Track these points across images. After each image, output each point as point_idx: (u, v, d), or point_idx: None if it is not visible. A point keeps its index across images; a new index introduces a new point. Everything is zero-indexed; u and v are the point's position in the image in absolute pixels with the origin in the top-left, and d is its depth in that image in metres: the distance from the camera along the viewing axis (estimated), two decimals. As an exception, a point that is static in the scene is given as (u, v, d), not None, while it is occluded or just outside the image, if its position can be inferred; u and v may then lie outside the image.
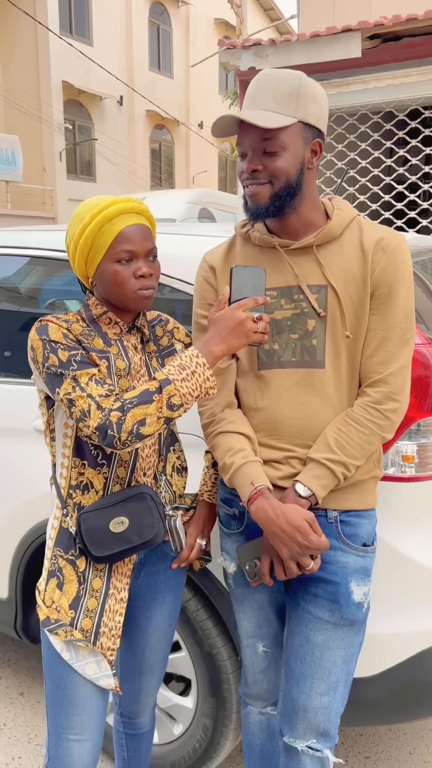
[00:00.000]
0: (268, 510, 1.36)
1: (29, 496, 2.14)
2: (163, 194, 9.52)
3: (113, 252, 1.36)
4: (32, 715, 2.45)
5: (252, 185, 1.37)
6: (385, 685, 1.71)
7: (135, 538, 1.41)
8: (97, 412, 1.28)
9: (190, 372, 1.29)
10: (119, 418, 1.27)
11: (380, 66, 5.46)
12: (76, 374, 1.31)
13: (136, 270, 1.37)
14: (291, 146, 1.33)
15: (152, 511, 1.42)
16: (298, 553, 1.35)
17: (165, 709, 2.04)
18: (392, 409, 1.38)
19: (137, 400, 1.28)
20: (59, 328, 1.36)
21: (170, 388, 1.28)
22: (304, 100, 1.33)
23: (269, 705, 1.66)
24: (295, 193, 1.37)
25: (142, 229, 1.38)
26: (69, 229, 1.41)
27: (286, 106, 1.33)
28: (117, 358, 1.42)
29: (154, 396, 1.27)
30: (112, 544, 1.39)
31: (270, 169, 1.34)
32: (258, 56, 5.76)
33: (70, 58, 16.52)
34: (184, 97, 21.69)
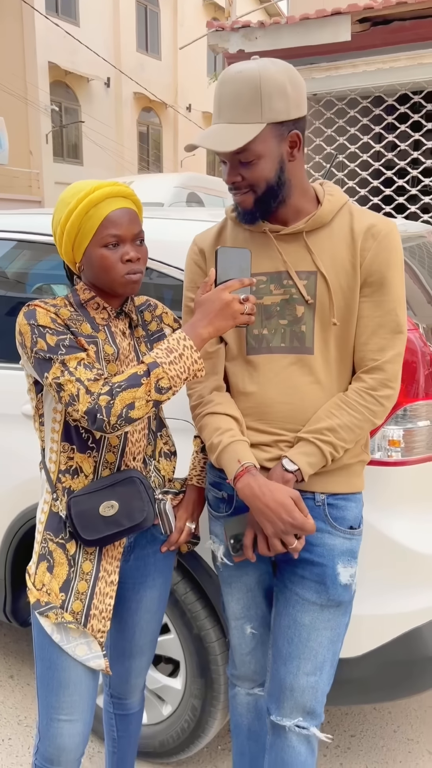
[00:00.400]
0: (254, 487, 1.37)
1: (18, 481, 2.15)
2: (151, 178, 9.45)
3: (100, 236, 1.35)
4: (22, 698, 2.48)
5: (236, 194, 1.38)
6: (370, 665, 1.74)
7: (125, 522, 1.42)
8: (86, 396, 1.28)
9: (177, 355, 1.30)
10: (108, 402, 1.27)
11: (370, 50, 5.43)
12: (64, 359, 1.32)
13: (124, 254, 1.37)
14: (265, 151, 1.32)
15: (142, 495, 1.43)
16: (282, 530, 1.35)
17: (154, 690, 2.06)
18: (386, 395, 1.40)
19: (126, 383, 1.28)
20: (47, 312, 1.36)
21: (158, 371, 1.28)
22: (269, 100, 1.29)
23: (256, 686, 1.69)
24: (278, 191, 1.37)
25: (128, 213, 1.38)
26: (55, 214, 1.40)
27: (250, 114, 1.29)
28: (105, 343, 1.42)
29: (143, 379, 1.28)
30: (102, 527, 1.40)
31: (248, 178, 1.34)
32: (247, 39, 5.71)
33: (56, 38, 16.28)
34: (172, 79, 21.47)
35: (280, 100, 1.29)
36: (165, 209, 3.27)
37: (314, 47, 5.46)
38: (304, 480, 1.40)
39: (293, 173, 1.38)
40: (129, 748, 1.79)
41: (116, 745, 1.78)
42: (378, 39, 5.38)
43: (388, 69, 5.43)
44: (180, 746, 2.03)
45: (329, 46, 5.44)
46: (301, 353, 1.42)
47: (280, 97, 1.29)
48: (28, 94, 16.56)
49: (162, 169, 21.56)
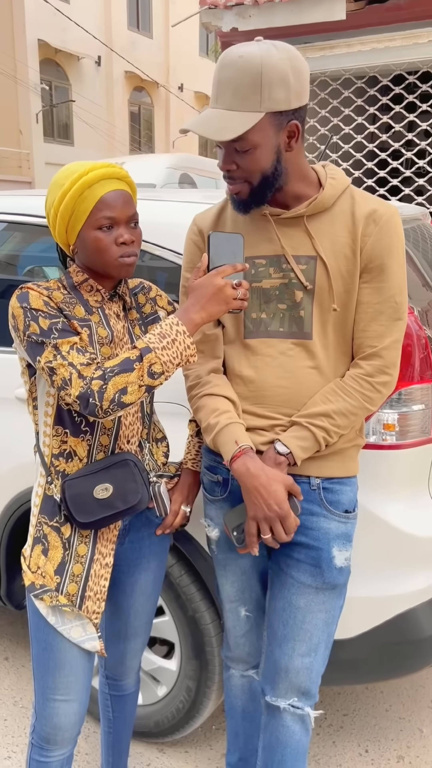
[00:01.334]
0: (250, 467, 1.37)
1: (12, 465, 2.14)
2: (143, 159, 9.36)
3: (94, 218, 1.34)
4: (17, 679, 2.49)
5: (231, 183, 1.36)
6: (363, 646, 1.76)
7: (119, 504, 1.42)
8: (78, 381, 1.28)
9: (170, 340, 1.29)
10: (101, 386, 1.27)
11: (365, 29, 5.36)
12: (57, 342, 1.31)
13: (118, 237, 1.35)
14: (262, 141, 1.28)
15: (136, 477, 1.43)
16: (267, 516, 1.36)
17: (149, 671, 2.08)
18: (383, 382, 1.40)
19: (118, 368, 1.28)
20: (40, 295, 1.34)
21: (151, 356, 1.28)
22: (269, 89, 1.24)
23: (251, 668, 1.71)
24: (274, 181, 1.34)
25: (123, 194, 1.36)
26: (48, 196, 1.38)
27: (250, 102, 1.25)
28: (98, 326, 1.41)
29: (135, 364, 1.28)
30: (97, 510, 1.40)
31: (243, 167, 1.32)
32: (240, 17, 5.63)
33: (46, 15, 16.02)
34: (164, 58, 21.20)
35: (281, 89, 1.26)
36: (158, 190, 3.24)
37: (308, 26, 5.38)
38: (297, 464, 1.40)
39: (290, 162, 1.35)
40: (124, 729, 1.80)
41: (112, 725, 1.80)
42: (373, 18, 5.30)
43: (384, 48, 5.37)
44: (175, 726, 2.05)
45: (324, 25, 5.36)
46: (299, 338, 1.42)
47: (281, 87, 1.25)
48: (18, 72, 16.30)
49: (154, 149, 21.35)
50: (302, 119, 1.33)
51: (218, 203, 1.54)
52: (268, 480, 1.35)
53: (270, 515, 1.36)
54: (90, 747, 2.16)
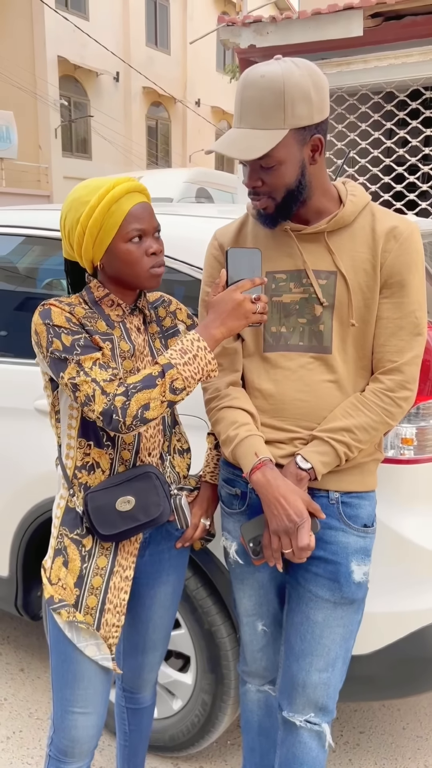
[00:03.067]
0: (270, 479, 1.38)
1: (30, 476, 2.16)
2: (160, 173, 9.44)
3: (124, 231, 1.36)
4: (32, 690, 2.49)
5: (257, 199, 1.38)
6: (381, 662, 1.74)
7: (141, 517, 1.43)
8: (101, 397, 1.29)
9: (191, 356, 1.31)
10: (124, 402, 1.28)
11: (382, 45, 5.39)
12: (80, 359, 1.33)
13: (148, 248, 1.38)
14: (287, 157, 1.30)
15: (158, 490, 1.44)
16: (286, 529, 1.35)
17: (164, 684, 2.07)
18: (404, 397, 1.40)
19: (141, 384, 1.29)
20: (62, 312, 1.37)
21: (173, 372, 1.30)
22: (292, 106, 1.26)
23: (267, 683, 1.70)
24: (299, 196, 1.36)
25: (147, 206, 1.40)
26: (70, 213, 1.39)
27: (273, 120, 1.27)
28: (120, 340, 1.43)
29: (158, 380, 1.29)
30: (119, 522, 1.41)
31: (269, 183, 1.34)
32: (258, 34, 5.69)
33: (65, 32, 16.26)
34: (181, 73, 21.41)
35: (304, 105, 1.27)
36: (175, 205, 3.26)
37: (326, 42, 5.42)
38: (317, 479, 1.40)
39: (314, 175, 1.37)
40: (140, 742, 1.80)
41: (128, 738, 1.79)
42: (390, 34, 5.34)
43: (401, 64, 5.39)
44: (190, 741, 2.04)
45: (341, 42, 5.40)
46: (318, 352, 1.42)
47: (304, 103, 1.27)
48: (37, 88, 16.55)
49: (171, 164, 21.52)
50: (324, 132, 1.35)
51: (238, 218, 1.56)
52: (287, 491, 1.36)
53: (289, 526, 1.35)
54: (105, 760, 2.16)
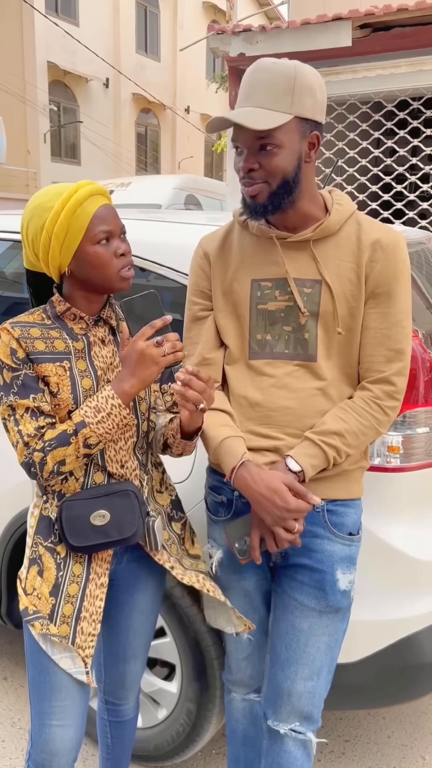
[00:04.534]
0: (247, 477, 1.39)
1: (14, 483, 2.14)
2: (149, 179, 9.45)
3: (92, 234, 1.34)
4: (15, 700, 2.47)
5: (250, 185, 1.36)
6: (366, 670, 1.74)
7: (114, 534, 1.41)
8: (23, 449, 1.35)
9: (105, 414, 1.34)
10: (41, 458, 1.33)
11: (370, 55, 5.45)
12: (13, 403, 1.36)
13: (116, 249, 1.37)
14: (287, 143, 1.32)
15: (134, 510, 1.43)
16: (279, 516, 1.36)
17: (149, 693, 2.06)
18: (392, 406, 1.41)
19: (56, 442, 1.33)
20: (9, 342, 1.35)
21: (86, 431, 1.33)
22: (300, 94, 1.30)
23: (252, 692, 1.69)
24: (293, 188, 1.36)
25: (111, 209, 1.39)
26: (32, 221, 1.36)
27: (281, 103, 1.30)
28: (78, 358, 1.41)
29: (71, 438, 1.33)
30: (91, 535, 1.40)
31: (266, 167, 1.33)
32: (248, 42, 5.72)
33: (55, 38, 16.27)
34: (171, 80, 21.49)
35: (310, 98, 1.32)
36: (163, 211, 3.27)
37: (315, 52, 5.47)
38: (306, 481, 1.40)
39: (306, 176, 1.38)
40: (123, 755, 1.78)
41: (110, 751, 1.77)
42: (379, 45, 5.39)
43: (389, 75, 5.45)
44: (175, 750, 2.02)
45: (330, 51, 5.45)
46: (304, 360, 1.43)
47: (310, 96, 1.32)
48: (27, 93, 16.54)
49: (160, 170, 21.56)
50: (321, 133, 1.38)
51: (224, 226, 1.56)
52: (265, 483, 1.37)
53: (278, 514, 1.36)
54: (88, 770, 2.14)
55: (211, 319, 1.53)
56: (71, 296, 1.43)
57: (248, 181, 1.37)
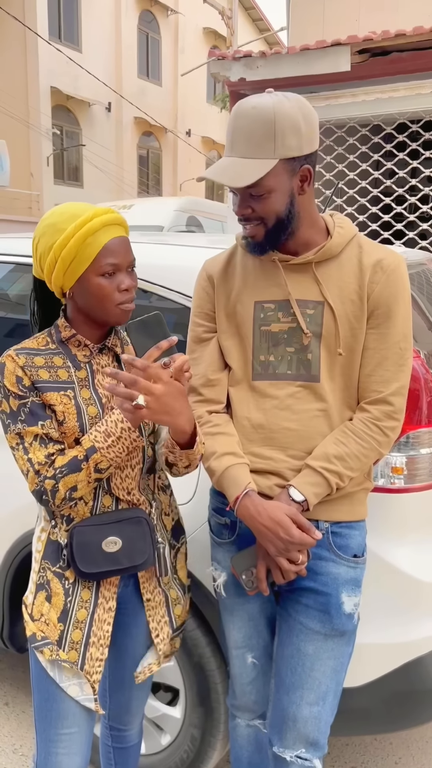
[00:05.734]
0: (250, 507, 1.38)
1: (18, 504, 2.13)
2: (151, 201, 9.53)
3: (98, 265, 1.33)
4: (17, 725, 2.43)
5: (246, 226, 1.39)
6: (372, 695, 1.72)
7: (125, 561, 1.41)
8: (34, 477, 1.34)
9: (115, 438, 1.33)
10: (53, 486, 1.33)
11: (369, 80, 5.52)
12: (21, 431, 1.35)
13: (120, 283, 1.35)
14: (276, 186, 1.33)
15: (146, 537, 1.42)
16: (283, 548, 1.36)
17: (152, 719, 2.03)
18: (392, 427, 1.41)
19: (67, 469, 1.32)
20: (15, 369, 1.35)
21: (96, 456, 1.33)
22: (282, 137, 1.29)
23: (257, 717, 1.67)
24: (288, 224, 1.38)
25: (124, 241, 1.37)
26: (43, 238, 1.35)
27: (264, 149, 1.30)
28: (82, 387, 1.40)
29: (82, 464, 1.33)
30: (102, 562, 1.39)
31: (259, 211, 1.35)
32: (248, 68, 5.81)
33: (58, 63, 16.52)
34: (172, 104, 21.76)
35: (294, 136, 1.30)
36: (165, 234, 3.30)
37: (314, 77, 5.55)
38: (309, 509, 1.40)
39: (303, 206, 1.39)
40: (126, 781, 1.75)
41: (114, 777, 1.75)
42: (377, 69, 5.47)
43: (387, 99, 5.51)
44: (178, 777, 1.99)
45: (329, 76, 5.53)
46: (307, 381, 1.43)
47: (294, 134, 1.30)
48: (30, 117, 16.76)
49: (161, 192, 21.76)
50: (313, 164, 1.38)
51: (228, 249, 1.57)
52: (269, 514, 1.36)
53: (282, 546, 1.35)
54: (91, 798, 2.10)
55: (215, 340, 1.54)
56: (74, 319, 1.43)
57: (244, 223, 1.40)
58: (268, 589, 1.44)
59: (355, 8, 7.08)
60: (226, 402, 1.54)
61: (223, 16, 11.95)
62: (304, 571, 1.40)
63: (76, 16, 18.05)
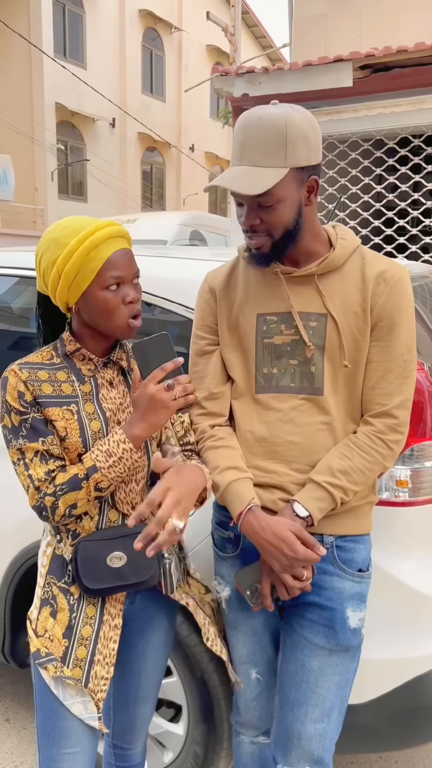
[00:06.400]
0: (254, 523, 1.37)
1: (20, 518, 2.12)
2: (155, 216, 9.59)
3: (102, 279, 1.32)
4: (18, 742, 2.41)
5: (252, 238, 1.38)
6: (376, 711, 1.70)
7: (130, 577, 1.40)
8: (34, 493, 1.35)
9: (117, 458, 1.33)
10: (53, 503, 1.33)
11: (371, 95, 5.56)
12: (22, 447, 1.35)
13: (125, 296, 1.35)
14: (286, 195, 1.32)
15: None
16: (287, 565, 1.35)
17: (155, 735, 2.01)
18: (396, 440, 1.40)
19: (67, 486, 1.33)
20: (17, 384, 1.34)
21: (97, 475, 1.33)
22: (293, 146, 1.29)
23: (261, 734, 1.65)
24: (295, 234, 1.37)
25: (127, 253, 1.37)
26: (46, 253, 1.35)
27: (275, 158, 1.29)
28: (86, 401, 1.39)
29: (83, 483, 1.33)
30: (106, 578, 1.38)
31: (267, 222, 1.34)
32: (251, 83, 5.86)
33: (63, 80, 16.70)
34: (175, 120, 21.94)
35: (304, 146, 1.30)
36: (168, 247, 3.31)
37: (317, 92, 5.59)
38: (314, 525, 1.39)
39: (307, 217, 1.38)
40: (129, 800, 1.73)
41: (116, 797, 1.72)
42: (379, 85, 5.51)
43: (389, 114, 5.55)
44: (181, 795, 1.96)
45: (331, 91, 5.57)
46: (310, 394, 1.42)
47: (304, 144, 1.30)
48: (35, 133, 16.92)
49: (165, 206, 21.89)
50: (319, 175, 1.38)
51: (229, 261, 1.57)
52: (273, 530, 1.36)
53: (286, 562, 1.34)
54: None
55: (217, 353, 1.54)
56: (79, 333, 1.42)
57: (251, 234, 1.38)
58: (272, 605, 1.42)
59: (356, 25, 7.15)
60: (229, 415, 1.54)
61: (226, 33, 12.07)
62: (308, 587, 1.39)
63: (81, 34, 18.28)
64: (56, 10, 17.19)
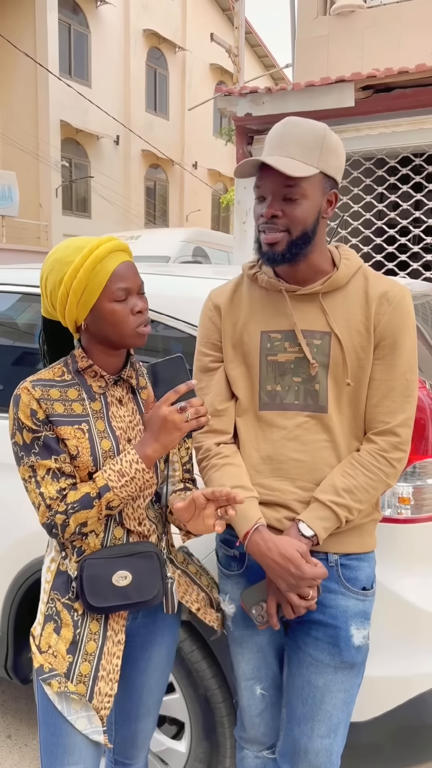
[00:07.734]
0: (260, 543, 1.38)
1: (24, 533, 2.13)
2: (158, 232, 9.66)
3: (110, 291, 1.35)
4: (19, 759, 2.40)
5: (270, 231, 1.38)
6: (379, 729, 1.69)
7: (135, 596, 1.40)
8: (45, 511, 1.36)
9: (129, 478, 1.35)
10: (63, 521, 1.35)
11: (373, 115, 5.62)
12: (34, 464, 1.36)
13: (133, 306, 1.38)
14: (311, 195, 1.36)
15: (156, 573, 1.42)
16: (294, 584, 1.36)
17: (157, 753, 2.00)
18: (398, 458, 1.41)
19: (79, 505, 1.34)
20: (30, 402, 1.35)
21: (109, 495, 1.34)
22: (327, 152, 1.36)
23: (265, 749, 1.65)
24: (309, 241, 1.39)
25: (131, 265, 1.39)
26: (51, 274, 1.37)
27: (310, 156, 1.35)
28: (97, 418, 1.41)
29: (95, 501, 1.34)
30: (111, 596, 1.39)
31: (289, 215, 1.36)
32: (254, 103, 5.93)
33: (68, 98, 16.93)
34: (179, 137, 22.17)
35: (334, 157, 1.38)
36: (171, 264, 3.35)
37: (319, 112, 5.65)
38: (319, 544, 1.40)
39: (321, 229, 1.42)
40: None
41: None
42: (381, 105, 5.57)
43: (391, 133, 5.61)
44: None
45: (334, 111, 5.63)
46: (315, 411, 1.44)
47: (335, 155, 1.38)
48: (40, 150, 17.11)
49: (168, 223, 22.05)
50: (338, 193, 1.43)
51: (234, 279, 1.59)
52: (279, 550, 1.36)
53: (292, 581, 1.35)
54: None
55: (221, 370, 1.55)
56: (89, 350, 1.43)
57: (270, 227, 1.38)
58: (278, 624, 1.43)
59: (358, 46, 7.24)
60: (234, 432, 1.55)
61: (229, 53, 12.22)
62: (314, 606, 1.39)
63: (86, 53, 18.54)
64: (62, 29, 17.47)
